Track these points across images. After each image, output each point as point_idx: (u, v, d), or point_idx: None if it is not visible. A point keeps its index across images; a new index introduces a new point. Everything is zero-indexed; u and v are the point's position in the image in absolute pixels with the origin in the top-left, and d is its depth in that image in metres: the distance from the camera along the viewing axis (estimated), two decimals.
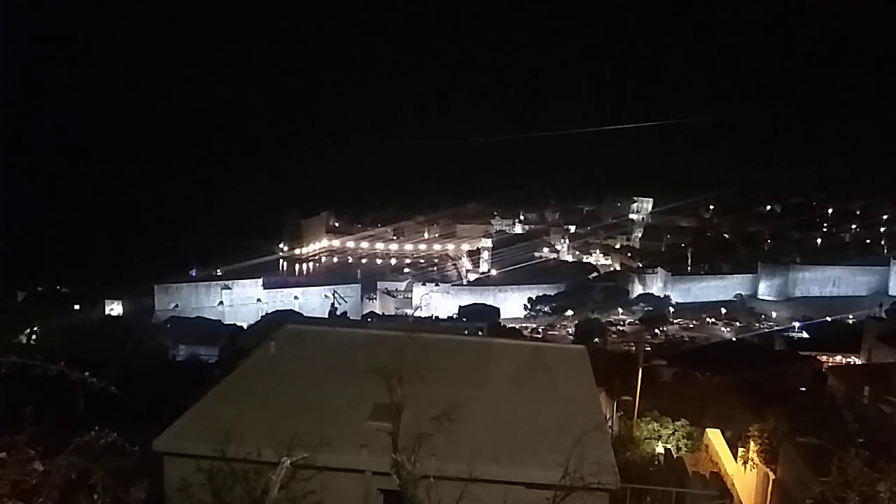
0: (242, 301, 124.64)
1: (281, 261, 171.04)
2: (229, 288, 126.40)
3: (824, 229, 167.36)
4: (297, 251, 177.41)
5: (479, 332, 68.08)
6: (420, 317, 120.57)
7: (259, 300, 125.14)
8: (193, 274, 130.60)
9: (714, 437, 23.65)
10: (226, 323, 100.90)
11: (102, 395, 5.38)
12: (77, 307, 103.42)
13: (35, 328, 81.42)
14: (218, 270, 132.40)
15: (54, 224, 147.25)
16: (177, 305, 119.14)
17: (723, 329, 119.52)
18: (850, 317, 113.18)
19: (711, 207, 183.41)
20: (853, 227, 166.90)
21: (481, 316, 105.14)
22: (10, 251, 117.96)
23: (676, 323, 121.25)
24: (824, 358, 56.06)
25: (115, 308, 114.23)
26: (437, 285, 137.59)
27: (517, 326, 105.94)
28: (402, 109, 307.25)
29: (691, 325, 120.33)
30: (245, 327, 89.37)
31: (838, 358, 57.45)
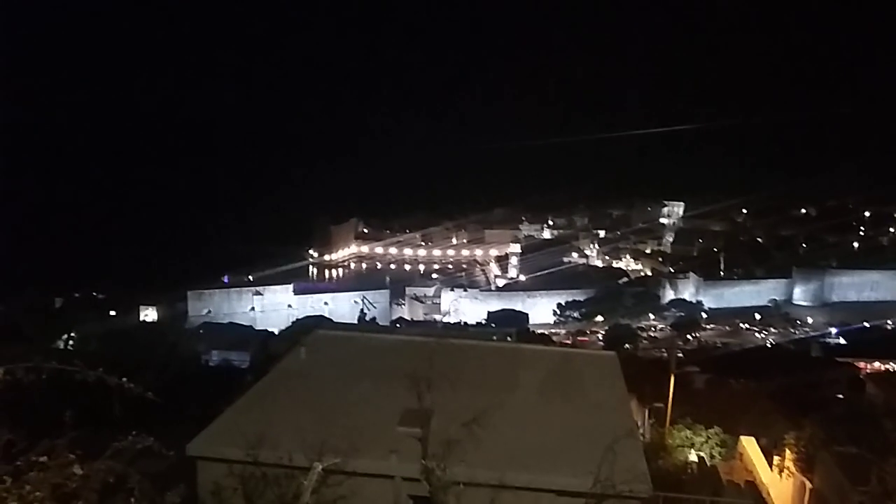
0: (273, 307, 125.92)
1: (311, 267, 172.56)
2: (261, 294, 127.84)
3: (861, 233, 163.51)
4: (326, 257, 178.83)
5: (508, 338, 67.87)
6: (449, 322, 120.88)
7: (290, 306, 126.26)
8: (226, 280, 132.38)
9: (749, 444, 23.27)
10: (257, 328, 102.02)
11: (138, 400, 5.48)
12: (113, 313, 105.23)
13: (72, 334, 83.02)
14: (250, 277, 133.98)
15: (91, 231, 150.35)
16: (209, 311, 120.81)
17: (757, 335, 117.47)
18: (889, 322, 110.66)
19: (744, 211, 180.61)
20: (891, 230, 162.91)
21: (510, 321, 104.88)
22: (51, 258, 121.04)
23: (709, 329, 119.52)
24: (862, 364, 54.75)
25: (149, 314, 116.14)
26: (465, 291, 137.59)
27: (546, 332, 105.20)
28: (430, 115, 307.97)
29: (725, 331, 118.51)
30: (276, 333, 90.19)
31: (877, 364, 56.18)
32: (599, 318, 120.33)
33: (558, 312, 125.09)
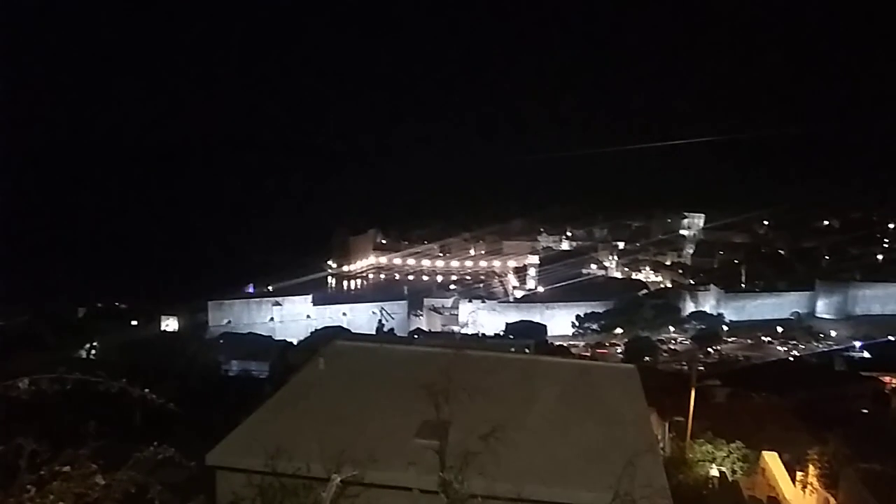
0: (292, 317, 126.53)
1: (329, 277, 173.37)
2: (280, 304, 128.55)
3: (885, 245, 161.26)
4: (345, 268, 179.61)
5: (527, 350, 67.66)
6: (466, 333, 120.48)
7: (308, 316, 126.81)
8: (252, 290, 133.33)
9: (771, 459, 22.94)
10: (276, 339, 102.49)
11: (159, 410, 5.54)
12: (135, 323, 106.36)
13: (94, 343, 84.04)
14: (269, 287, 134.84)
15: (115, 242, 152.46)
16: (229, 321, 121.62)
17: (779, 348, 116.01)
18: None
19: (766, 223, 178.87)
20: None
21: (528, 333, 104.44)
22: (74, 268, 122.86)
23: (730, 341, 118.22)
24: (887, 379, 53.80)
25: (170, 324, 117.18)
26: (483, 302, 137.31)
27: (565, 344, 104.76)
28: (448, 127, 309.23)
29: (746, 344, 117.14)
30: (295, 343, 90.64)
31: None
32: (619, 331, 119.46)
33: (577, 324, 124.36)
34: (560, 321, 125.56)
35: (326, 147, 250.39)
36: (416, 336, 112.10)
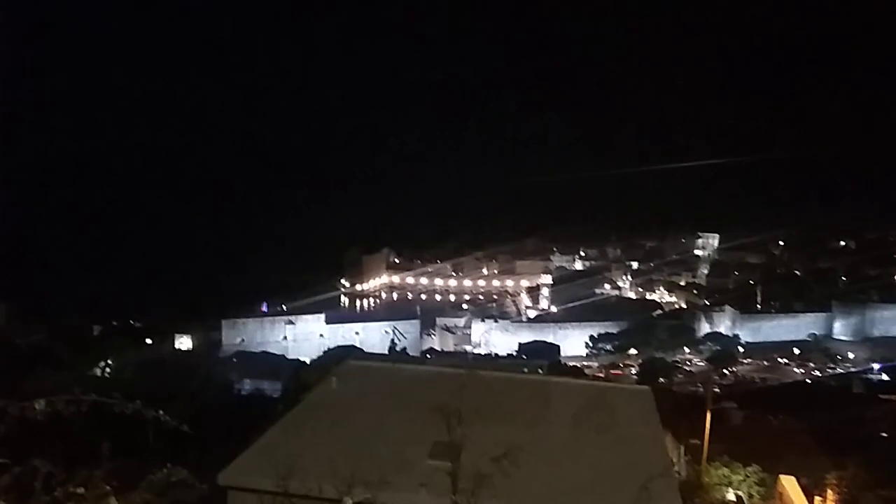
0: (305, 336, 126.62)
1: (342, 296, 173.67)
2: (293, 323, 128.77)
3: None
4: (358, 287, 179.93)
5: (540, 371, 67.31)
6: (479, 353, 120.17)
7: (321, 335, 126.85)
8: (265, 310, 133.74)
9: (788, 484, 22.55)
10: (289, 358, 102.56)
11: (173, 431, 5.55)
12: (149, 341, 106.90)
13: (109, 361, 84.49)
14: (283, 306, 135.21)
15: (130, 259, 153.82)
16: (243, 340, 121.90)
17: (796, 370, 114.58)
18: None
19: (781, 243, 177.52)
20: None
21: (541, 353, 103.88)
22: (90, 286, 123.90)
23: (746, 363, 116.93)
24: None
25: (184, 342, 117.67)
26: (496, 321, 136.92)
27: (578, 365, 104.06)
28: (461, 147, 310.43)
29: (762, 366, 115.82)
30: (308, 362, 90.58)
31: None
32: (633, 351, 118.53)
33: (591, 345, 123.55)
34: (573, 341, 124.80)
35: (340, 166, 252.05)
36: (428, 356, 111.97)
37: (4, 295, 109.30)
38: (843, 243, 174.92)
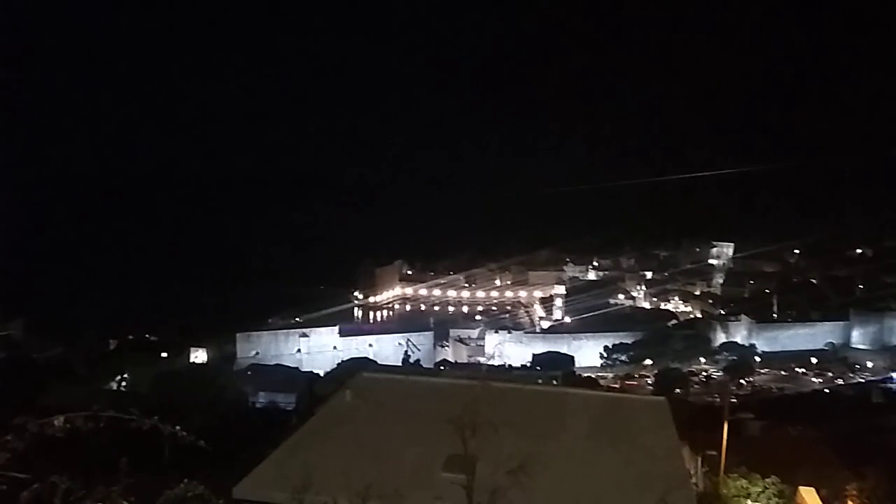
0: (319, 348, 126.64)
1: (356, 308, 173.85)
2: (307, 336, 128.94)
3: None
4: (371, 299, 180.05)
5: (554, 382, 66.96)
6: (493, 365, 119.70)
7: (335, 347, 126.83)
8: (279, 321, 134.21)
9: (808, 495, 22.24)
10: (303, 370, 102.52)
11: (189, 445, 5.58)
12: (164, 355, 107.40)
13: (125, 375, 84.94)
14: (297, 318, 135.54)
15: (145, 274, 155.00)
16: (257, 353, 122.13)
17: (814, 379, 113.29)
18: None
19: (797, 252, 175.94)
20: None
21: (555, 364, 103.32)
22: (107, 301, 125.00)
23: (763, 373, 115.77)
24: None
25: (199, 355, 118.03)
26: (509, 333, 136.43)
27: (593, 376, 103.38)
28: (476, 157, 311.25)
29: (779, 376, 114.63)
30: (321, 375, 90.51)
31: None
32: (648, 362, 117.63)
33: (605, 355, 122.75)
34: (588, 352, 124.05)
35: (353, 179, 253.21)
36: (442, 367, 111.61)
37: (21, 310, 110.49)
38: (859, 251, 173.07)
